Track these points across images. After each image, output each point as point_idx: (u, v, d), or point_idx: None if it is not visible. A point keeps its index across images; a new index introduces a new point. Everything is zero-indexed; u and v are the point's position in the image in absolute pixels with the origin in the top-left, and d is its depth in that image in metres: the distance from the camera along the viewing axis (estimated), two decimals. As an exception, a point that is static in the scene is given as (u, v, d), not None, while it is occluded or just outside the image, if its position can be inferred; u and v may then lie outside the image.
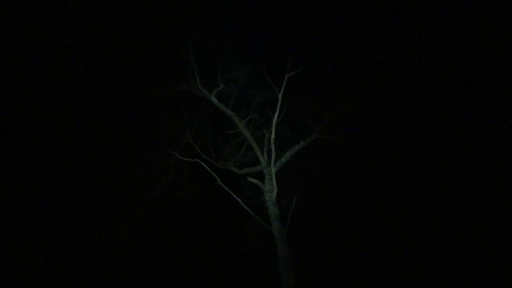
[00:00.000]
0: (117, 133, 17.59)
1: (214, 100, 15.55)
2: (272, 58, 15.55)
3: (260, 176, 15.24)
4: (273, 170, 14.83)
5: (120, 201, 17.53)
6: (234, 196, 14.94)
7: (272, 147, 14.83)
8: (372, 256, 15.67)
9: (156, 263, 17.62)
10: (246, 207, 14.75)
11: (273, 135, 14.91)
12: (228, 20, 15.78)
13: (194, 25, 15.53)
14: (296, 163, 15.93)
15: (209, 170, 15.46)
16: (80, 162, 17.55)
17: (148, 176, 17.35)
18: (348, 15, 15.96)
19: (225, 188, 15.09)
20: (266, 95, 15.72)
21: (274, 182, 14.69)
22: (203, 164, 15.54)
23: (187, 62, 15.76)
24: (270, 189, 14.65)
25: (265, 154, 15.22)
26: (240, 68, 15.79)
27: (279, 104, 15.01)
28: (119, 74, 17.60)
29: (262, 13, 15.83)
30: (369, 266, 15.67)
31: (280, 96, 15.03)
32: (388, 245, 15.53)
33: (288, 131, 16.04)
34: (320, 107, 15.73)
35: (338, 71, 15.85)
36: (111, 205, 17.59)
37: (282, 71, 15.17)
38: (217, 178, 15.27)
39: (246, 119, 15.58)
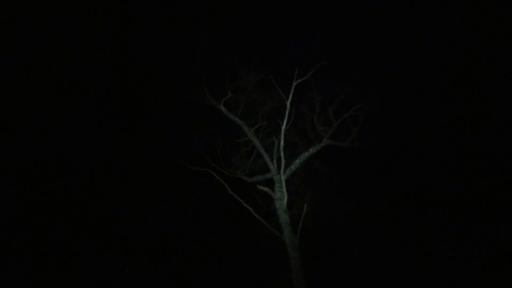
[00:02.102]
0: (126, 144, 17.69)
1: (223, 109, 15.59)
2: (280, 66, 15.60)
3: (270, 183, 15.23)
4: (283, 178, 14.79)
5: (130, 212, 17.57)
6: (245, 204, 14.94)
7: (282, 154, 14.77)
8: (385, 263, 15.55)
9: (167, 272, 17.61)
10: (257, 215, 14.74)
11: (282, 143, 14.85)
12: (235, 28, 15.87)
13: (201, 34, 15.60)
14: (306, 170, 15.88)
15: (219, 179, 15.46)
16: (90, 173, 17.66)
17: (158, 186, 17.38)
18: (355, 21, 15.99)
19: (236, 196, 15.07)
20: (274, 102, 15.76)
21: (284, 190, 14.64)
22: (213, 173, 15.53)
23: (195, 71, 15.79)
24: (281, 197, 14.61)
25: (274, 161, 15.20)
26: (248, 76, 15.81)
27: (287, 111, 14.97)
28: (128, 85, 17.73)
29: (269, 21, 15.92)
30: (381, 272, 15.55)
31: (288, 103, 14.99)
32: (399, 251, 15.42)
33: (297, 138, 16.04)
34: (328, 113, 15.70)
35: (346, 77, 15.82)
36: (122, 215, 17.64)
37: (290, 78, 15.15)
38: (227, 187, 15.25)
39: (255, 127, 15.60)
